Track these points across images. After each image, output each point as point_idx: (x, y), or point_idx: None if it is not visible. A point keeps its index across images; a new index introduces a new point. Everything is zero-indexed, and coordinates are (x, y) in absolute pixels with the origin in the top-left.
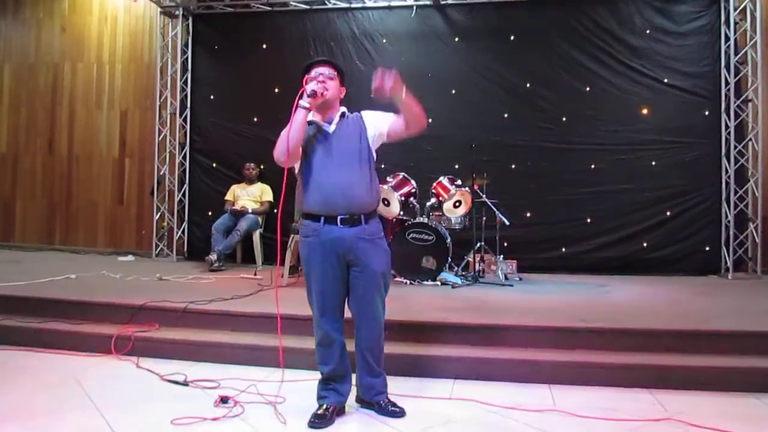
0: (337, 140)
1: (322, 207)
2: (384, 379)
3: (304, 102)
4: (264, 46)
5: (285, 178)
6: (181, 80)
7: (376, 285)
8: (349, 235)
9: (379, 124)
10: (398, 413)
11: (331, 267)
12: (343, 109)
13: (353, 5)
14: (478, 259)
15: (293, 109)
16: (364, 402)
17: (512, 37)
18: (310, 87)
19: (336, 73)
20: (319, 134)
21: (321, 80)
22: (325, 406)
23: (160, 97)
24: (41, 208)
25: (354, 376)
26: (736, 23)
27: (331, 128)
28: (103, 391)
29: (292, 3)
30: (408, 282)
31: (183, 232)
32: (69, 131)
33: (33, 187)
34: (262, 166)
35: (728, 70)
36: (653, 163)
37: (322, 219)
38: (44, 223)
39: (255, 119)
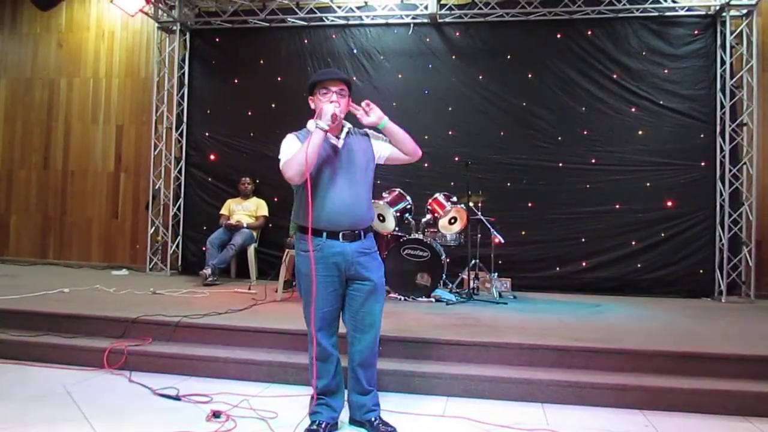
0: (345, 156)
1: (327, 223)
2: (375, 396)
3: (323, 123)
4: (261, 61)
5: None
6: (177, 95)
7: (376, 297)
8: (351, 249)
9: (383, 150)
10: None
11: (332, 281)
12: (349, 125)
13: (351, 22)
14: (472, 276)
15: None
16: (355, 422)
17: (509, 56)
18: (329, 110)
19: (347, 89)
20: (328, 149)
21: (334, 99)
22: (317, 422)
23: (156, 112)
24: (35, 223)
25: (346, 393)
26: (732, 47)
27: (339, 143)
28: (95, 404)
29: (290, 19)
30: (402, 298)
31: (177, 246)
32: (64, 146)
33: (27, 202)
34: (257, 181)
35: (724, 94)
36: (648, 184)
37: (325, 234)
38: (38, 238)
39: (251, 134)
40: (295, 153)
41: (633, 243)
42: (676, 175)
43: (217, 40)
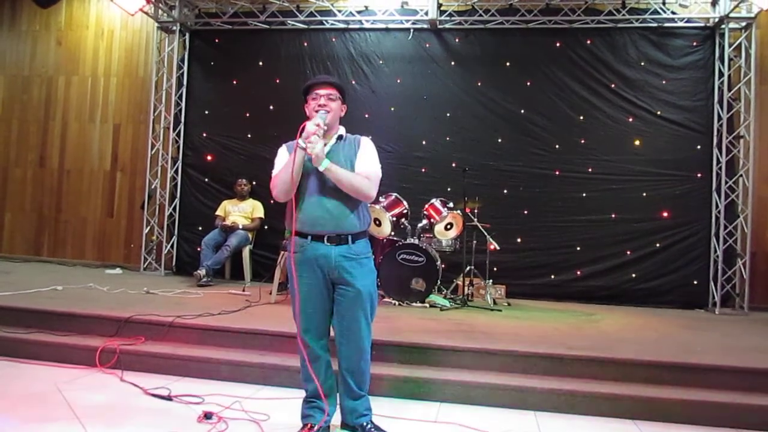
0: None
1: (310, 228)
2: (366, 401)
3: (302, 142)
4: (260, 63)
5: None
6: (175, 95)
7: (359, 305)
8: (334, 253)
9: (358, 166)
10: None
11: (316, 284)
12: (341, 131)
13: (351, 26)
14: (467, 282)
15: (294, 150)
16: (347, 426)
17: (508, 64)
18: (309, 129)
19: (338, 93)
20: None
21: (322, 103)
22: (309, 425)
23: (154, 112)
24: (30, 221)
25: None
26: (730, 59)
27: (326, 150)
28: (87, 403)
29: (289, 22)
30: (396, 303)
31: (172, 246)
32: (61, 144)
33: (22, 200)
34: (254, 183)
35: (721, 106)
36: (644, 194)
37: (309, 236)
38: (33, 236)
39: (248, 136)
40: (278, 171)
41: (628, 253)
42: (672, 185)
43: (217, 41)
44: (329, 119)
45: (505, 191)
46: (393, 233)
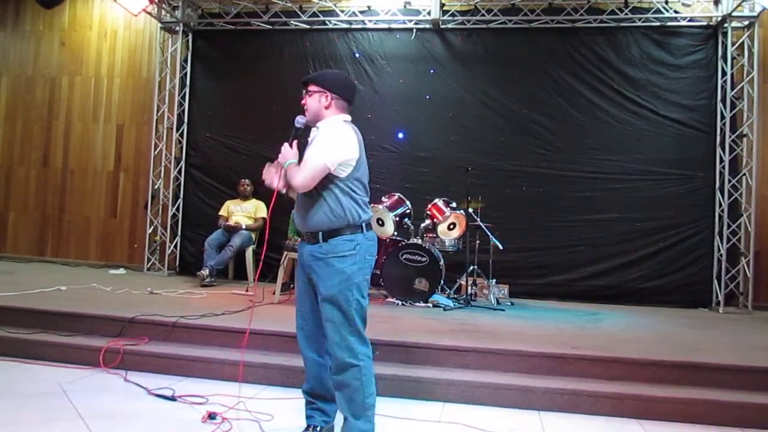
0: (302, 155)
1: (297, 228)
2: (351, 429)
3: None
4: (263, 64)
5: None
6: (179, 95)
7: (325, 310)
8: (306, 252)
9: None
10: None
11: (303, 283)
12: (323, 122)
13: (353, 26)
14: (470, 282)
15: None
16: None
17: (510, 63)
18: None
19: (314, 86)
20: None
21: (303, 103)
22: (312, 426)
23: (157, 112)
24: (34, 221)
25: None
26: (733, 58)
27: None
28: (91, 404)
29: (292, 22)
30: (399, 303)
31: (175, 246)
32: (64, 145)
33: (26, 200)
34: (256, 183)
35: (724, 105)
36: (647, 193)
37: (301, 235)
38: (36, 235)
39: (252, 136)
40: None
41: (631, 252)
42: (675, 184)
43: (220, 41)
44: (307, 117)
45: (508, 191)
46: (396, 233)
